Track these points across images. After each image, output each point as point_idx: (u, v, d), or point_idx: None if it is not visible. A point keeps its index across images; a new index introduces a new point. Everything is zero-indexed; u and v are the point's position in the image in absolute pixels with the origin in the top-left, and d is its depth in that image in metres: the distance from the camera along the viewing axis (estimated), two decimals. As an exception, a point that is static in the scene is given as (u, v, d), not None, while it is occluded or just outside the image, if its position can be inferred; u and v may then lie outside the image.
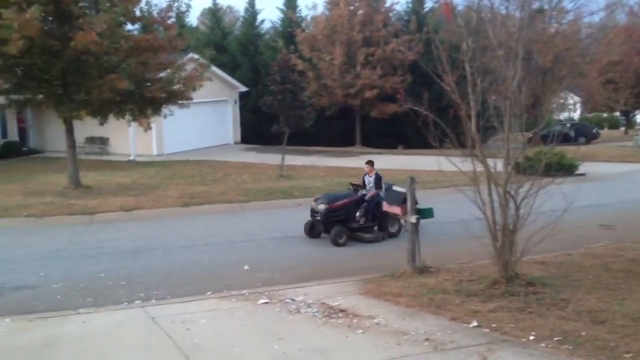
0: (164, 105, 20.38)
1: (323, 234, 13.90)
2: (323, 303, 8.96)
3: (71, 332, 8.06)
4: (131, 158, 28.91)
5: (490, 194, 9.10)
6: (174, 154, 29.59)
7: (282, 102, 21.75)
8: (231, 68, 36.84)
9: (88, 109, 18.95)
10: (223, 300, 9.40)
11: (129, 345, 7.53)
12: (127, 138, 29.03)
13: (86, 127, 25.10)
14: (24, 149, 31.65)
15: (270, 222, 16.07)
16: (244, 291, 9.82)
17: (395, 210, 10.72)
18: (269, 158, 27.12)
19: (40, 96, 19.02)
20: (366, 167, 14.54)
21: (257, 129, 35.44)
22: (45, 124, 31.27)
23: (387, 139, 34.75)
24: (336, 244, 13.35)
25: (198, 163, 26.92)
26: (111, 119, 20.58)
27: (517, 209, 8.91)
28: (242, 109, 36.00)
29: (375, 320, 8.08)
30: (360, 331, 7.73)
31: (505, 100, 9.04)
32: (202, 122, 31.52)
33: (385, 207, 11.01)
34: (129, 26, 20.17)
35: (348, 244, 13.40)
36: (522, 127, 9.43)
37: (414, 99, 9.93)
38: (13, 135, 31.39)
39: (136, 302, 9.61)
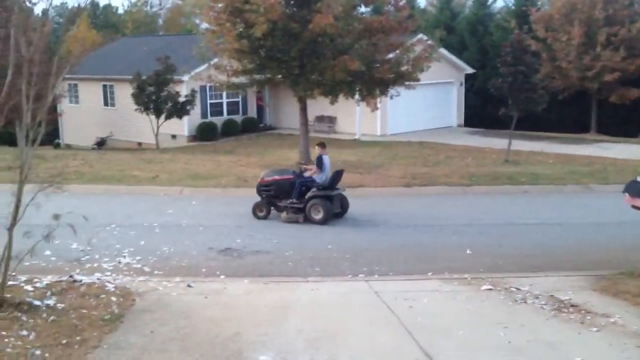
0: (391, 86, 20.64)
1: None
2: (551, 296, 8.52)
3: (302, 298, 8.58)
4: (356, 137, 29.79)
5: None
6: (397, 134, 29.93)
7: (512, 85, 20.87)
8: (458, 49, 36.19)
9: (321, 89, 19.83)
10: (445, 282, 9.37)
11: (354, 315, 7.81)
12: (353, 118, 29.92)
13: (316, 106, 26.32)
14: (261, 125, 34.14)
15: (494, 207, 15.64)
16: (466, 275, 9.69)
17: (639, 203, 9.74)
18: (494, 142, 26.28)
19: (279, 76, 20.31)
20: (317, 149, 14.37)
21: (481, 112, 34.52)
22: (280, 102, 33.43)
23: (627, 126, 31.75)
24: (255, 216, 13.96)
25: (420, 144, 26.96)
26: (339, 98, 21.32)
27: None
28: (467, 91, 35.24)
29: (612, 320, 7.49)
30: (595, 329, 7.21)
31: None
32: (425, 104, 31.42)
33: (628, 199, 10.04)
34: (362, 8, 20.69)
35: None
36: None
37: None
38: (252, 112, 34.00)
39: (360, 275, 9.95)
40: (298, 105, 21.53)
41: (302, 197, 13.82)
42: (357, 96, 21.09)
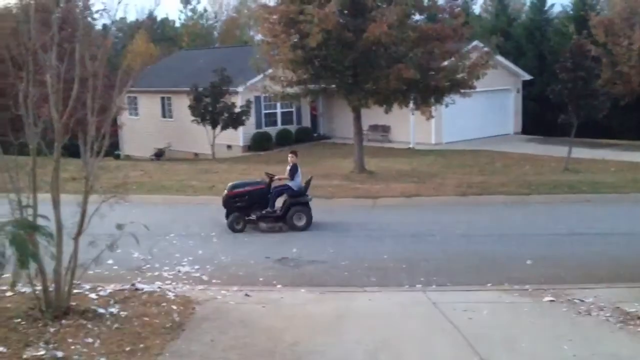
0: (446, 94, 20.48)
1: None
2: (617, 307, 8.24)
3: (359, 308, 8.54)
4: (410, 146, 29.62)
5: None
6: (452, 143, 29.62)
7: (572, 91, 20.41)
8: (515, 55, 35.62)
9: (375, 98, 19.85)
10: (505, 293, 9.18)
11: (413, 326, 7.73)
12: (407, 126, 29.77)
13: (370, 115, 26.30)
14: (315, 134, 34.33)
15: (554, 216, 15.26)
16: (527, 286, 9.47)
17: None
18: (552, 150, 25.72)
19: (333, 86, 20.41)
20: (290, 158, 14.29)
21: (539, 119, 33.84)
22: (334, 112, 33.53)
23: (694, 132, 30.68)
24: (233, 230, 13.59)
25: (476, 153, 26.61)
26: (394, 107, 21.24)
27: None
28: (524, 98, 34.63)
29: (682, 334, 7.20)
30: (664, 343, 6.95)
31: None
32: (481, 112, 30.97)
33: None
34: (417, 16, 20.63)
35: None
36: None
37: None
38: (306, 122, 34.24)
39: (417, 285, 9.84)
40: (352, 115, 21.59)
41: (283, 205, 13.93)
42: (411, 105, 21.00)
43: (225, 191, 14.18)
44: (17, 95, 7.53)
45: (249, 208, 13.90)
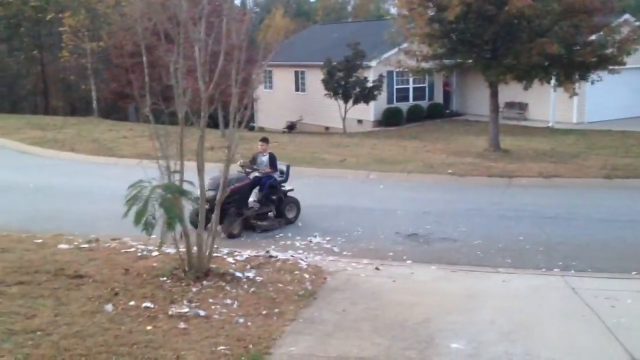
0: (592, 71, 19.28)
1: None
2: None
3: (491, 288, 8.33)
4: (549, 125, 28.26)
5: None
6: (595, 122, 27.90)
7: None
8: (670, 30, 32.84)
9: (514, 73, 19.05)
10: (652, 283, 8.60)
11: (550, 311, 7.43)
12: (546, 104, 28.41)
13: (505, 92, 25.29)
14: (447, 111, 33.60)
15: None
16: (677, 277, 8.82)
17: None
18: None
19: (470, 61, 19.82)
20: (260, 145, 12.74)
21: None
22: (468, 88, 32.64)
23: None
24: (230, 235, 11.30)
25: (622, 134, 24.91)
26: (532, 84, 20.31)
27: None
28: (679, 76, 31.92)
29: None
30: None
31: None
32: (629, 90, 28.87)
33: None
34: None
35: None
36: None
37: None
38: (438, 97, 33.58)
39: (554, 269, 9.45)
40: (486, 91, 20.92)
41: (268, 199, 12.36)
42: (553, 81, 19.98)
43: (212, 191, 10.73)
44: (167, 67, 7.94)
45: (237, 208, 11.74)
